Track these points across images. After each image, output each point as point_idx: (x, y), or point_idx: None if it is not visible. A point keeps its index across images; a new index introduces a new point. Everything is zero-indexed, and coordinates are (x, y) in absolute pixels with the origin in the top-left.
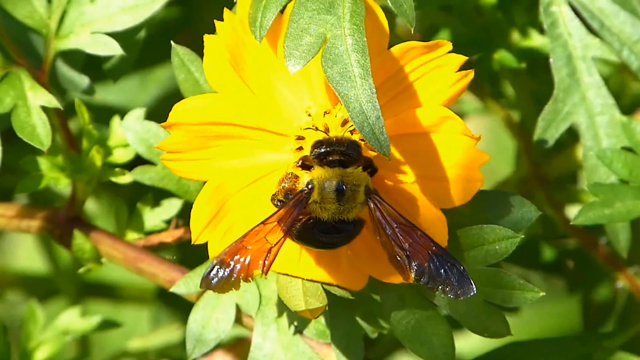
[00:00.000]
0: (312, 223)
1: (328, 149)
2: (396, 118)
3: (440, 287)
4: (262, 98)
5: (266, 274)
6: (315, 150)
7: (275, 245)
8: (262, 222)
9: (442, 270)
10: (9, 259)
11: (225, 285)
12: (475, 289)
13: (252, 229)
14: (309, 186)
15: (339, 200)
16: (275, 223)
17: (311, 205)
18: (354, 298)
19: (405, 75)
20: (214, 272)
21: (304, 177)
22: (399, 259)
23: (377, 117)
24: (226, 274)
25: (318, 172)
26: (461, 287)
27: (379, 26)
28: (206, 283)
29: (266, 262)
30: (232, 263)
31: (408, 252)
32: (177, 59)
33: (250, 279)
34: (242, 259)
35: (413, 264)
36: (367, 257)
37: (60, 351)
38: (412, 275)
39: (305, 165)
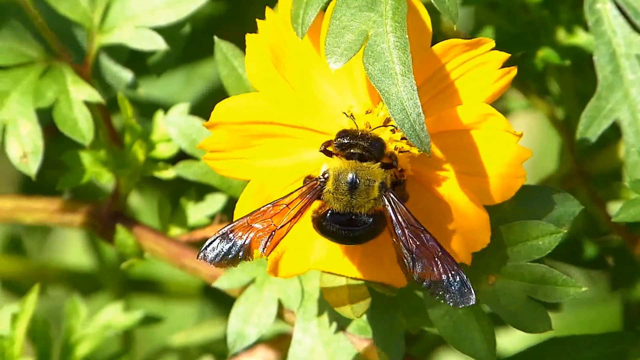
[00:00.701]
0: (328, 213)
1: (351, 141)
2: (438, 115)
3: (440, 293)
4: (304, 96)
5: (267, 256)
6: (339, 139)
7: (280, 227)
8: (272, 203)
9: (445, 277)
10: (58, 253)
11: (223, 260)
12: (474, 300)
13: (260, 209)
14: (325, 175)
15: (351, 193)
16: (285, 206)
17: (326, 195)
18: (396, 295)
19: (448, 73)
20: (213, 245)
21: (323, 166)
22: (405, 260)
23: (418, 114)
24: (225, 249)
25: (335, 163)
26: (461, 296)
27: (422, 24)
28: (204, 255)
29: (268, 244)
30: (233, 238)
31: (414, 254)
32: (221, 54)
33: (249, 258)
34: (244, 236)
35: (417, 266)
36: None
37: (101, 346)
38: (415, 278)
39: (327, 151)
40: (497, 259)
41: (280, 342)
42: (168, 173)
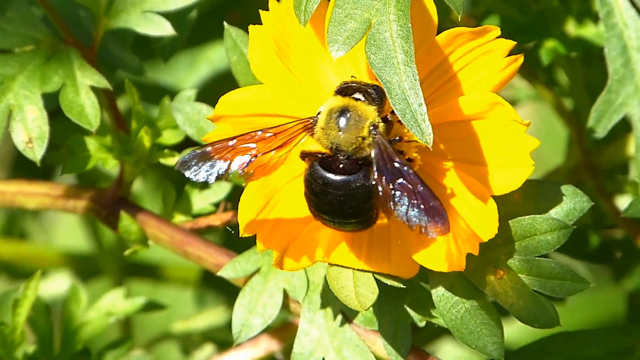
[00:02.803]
0: (316, 160)
1: (351, 84)
2: (445, 105)
3: (418, 224)
4: (309, 88)
5: (245, 179)
6: (339, 87)
7: (263, 154)
8: (260, 130)
9: (423, 207)
10: (55, 237)
11: (199, 173)
12: (447, 227)
13: (247, 134)
14: (318, 114)
15: (340, 125)
16: (272, 135)
17: (317, 133)
18: (403, 286)
19: (454, 61)
20: (194, 159)
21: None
22: (386, 197)
23: (419, 104)
24: (204, 163)
25: (330, 101)
26: (434, 225)
27: (426, 13)
28: (181, 165)
29: (246, 167)
30: (213, 155)
31: (395, 189)
32: (230, 40)
33: (226, 177)
34: (225, 155)
35: (396, 197)
36: (417, 245)
37: (103, 332)
38: (396, 214)
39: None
40: (505, 253)
41: (284, 331)
42: (174, 160)
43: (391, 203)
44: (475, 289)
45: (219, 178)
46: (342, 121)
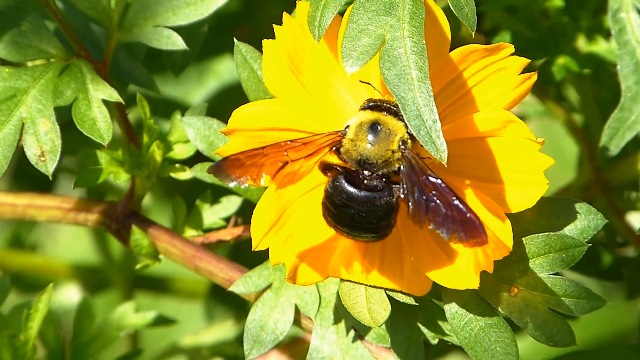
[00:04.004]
0: (342, 173)
1: (380, 101)
2: (458, 122)
3: (454, 234)
4: (322, 103)
5: (277, 185)
6: (365, 102)
7: (293, 161)
8: (290, 140)
9: (459, 219)
10: (63, 249)
11: (231, 179)
12: (485, 238)
13: (276, 144)
14: (346, 128)
15: (371, 137)
16: (302, 144)
17: (345, 145)
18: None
19: (467, 78)
20: (226, 164)
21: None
22: (418, 207)
23: (434, 121)
24: (237, 169)
25: (360, 115)
26: (472, 237)
27: (440, 29)
28: (214, 170)
29: (276, 173)
30: (245, 161)
31: (429, 199)
32: (240, 56)
33: (259, 181)
34: (256, 161)
35: (431, 208)
36: (430, 262)
37: (113, 345)
38: (428, 219)
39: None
40: (519, 271)
41: (294, 347)
42: (185, 174)
43: (424, 215)
44: (489, 307)
45: (251, 182)
46: (373, 134)
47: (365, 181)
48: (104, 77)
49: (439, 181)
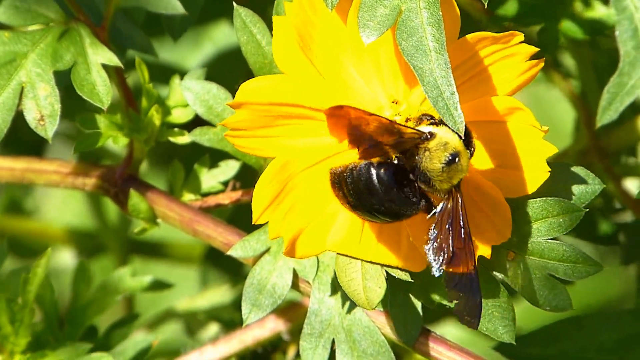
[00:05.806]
0: (397, 166)
1: (469, 133)
2: (465, 105)
3: (455, 301)
4: (330, 80)
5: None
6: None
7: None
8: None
9: (467, 290)
10: (57, 213)
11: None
12: (477, 326)
13: (381, 124)
14: (430, 134)
15: (447, 163)
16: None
17: (420, 150)
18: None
19: (476, 63)
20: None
21: (423, 125)
22: (442, 252)
23: (451, 93)
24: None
25: (445, 130)
26: (469, 315)
27: (452, 12)
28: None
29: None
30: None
31: (454, 253)
32: (240, 20)
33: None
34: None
35: (447, 260)
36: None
37: (109, 310)
38: (440, 271)
39: (420, 120)
40: (517, 235)
41: (290, 311)
42: (184, 139)
43: (439, 259)
44: (485, 271)
45: None
46: (452, 161)
47: (405, 182)
48: (103, 42)
49: (470, 241)
